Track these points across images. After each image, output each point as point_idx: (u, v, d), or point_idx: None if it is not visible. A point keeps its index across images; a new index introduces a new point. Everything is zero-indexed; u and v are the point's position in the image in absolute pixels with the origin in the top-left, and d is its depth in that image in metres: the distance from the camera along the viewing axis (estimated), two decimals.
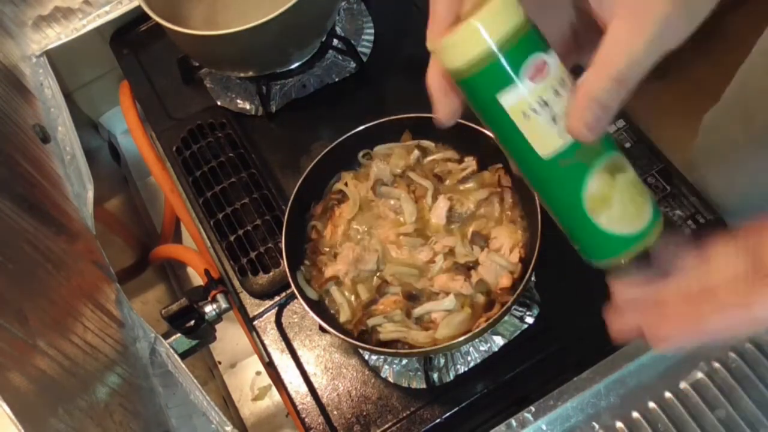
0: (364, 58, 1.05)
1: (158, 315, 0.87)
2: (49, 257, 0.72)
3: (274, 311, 0.90)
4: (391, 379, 0.82)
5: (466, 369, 0.81)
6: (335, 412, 0.82)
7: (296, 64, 1.03)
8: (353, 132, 0.84)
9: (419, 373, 0.81)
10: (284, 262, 0.79)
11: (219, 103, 1.06)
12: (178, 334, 0.88)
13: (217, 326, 0.95)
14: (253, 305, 0.91)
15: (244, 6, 1.05)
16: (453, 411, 0.80)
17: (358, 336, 0.76)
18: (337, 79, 1.05)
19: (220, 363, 1.19)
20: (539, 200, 0.58)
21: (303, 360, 0.86)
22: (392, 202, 0.83)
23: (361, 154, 0.87)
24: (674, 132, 1.24)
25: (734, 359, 0.61)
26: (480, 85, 0.42)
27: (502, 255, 0.77)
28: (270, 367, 0.91)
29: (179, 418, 0.79)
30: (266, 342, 0.88)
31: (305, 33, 0.98)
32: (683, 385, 0.60)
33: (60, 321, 0.67)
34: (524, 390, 0.84)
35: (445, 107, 0.45)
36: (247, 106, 1.05)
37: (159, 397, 0.80)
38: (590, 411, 0.60)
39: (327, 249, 0.83)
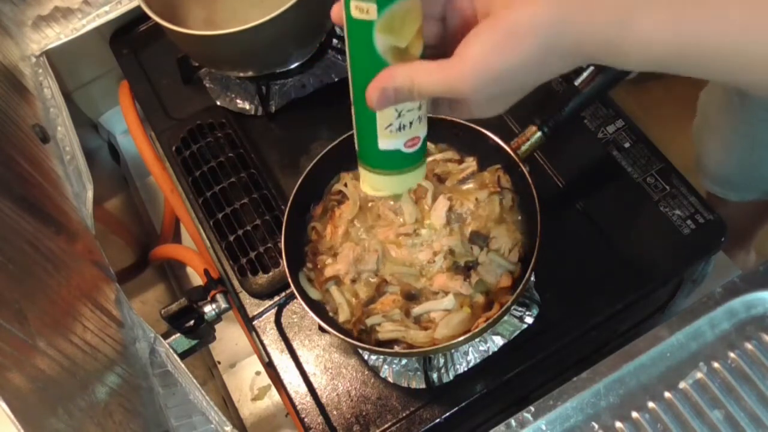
0: None
1: (158, 315, 0.87)
2: (48, 257, 0.72)
3: (273, 311, 0.90)
4: (390, 379, 0.82)
5: (466, 369, 0.81)
6: (335, 412, 0.82)
7: (296, 64, 1.03)
8: (353, 132, 0.84)
9: (419, 373, 0.81)
10: (284, 263, 0.79)
11: (218, 102, 1.06)
12: (178, 334, 0.88)
13: (217, 326, 0.95)
14: (252, 305, 0.91)
15: (243, 6, 1.05)
16: (452, 411, 0.80)
17: (358, 336, 0.76)
18: (336, 79, 1.05)
19: (219, 363, 1.19)
20: None
21: (302, 360, 0.86)
22: (392, 202, 0.83)
23: None
24: (674, 132, 1.24)
25: (734, 359, 0.61)
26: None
27: (502, 255, 0.77)
28: (269, 367, 0.91)
29: (179, 417, 0.79)
30: (266, 342, 0.88)
31: (305, 33, 0.98)
32: (683, 385, 0.60)
33: (60, 321, 0.67)
34: (524, 390, 0.84)
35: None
36: (247, 106, 1.05)
37: (158, 397, 0.80)
38: (590, 411, 0.60)
39: (327, 249, 0.83)
